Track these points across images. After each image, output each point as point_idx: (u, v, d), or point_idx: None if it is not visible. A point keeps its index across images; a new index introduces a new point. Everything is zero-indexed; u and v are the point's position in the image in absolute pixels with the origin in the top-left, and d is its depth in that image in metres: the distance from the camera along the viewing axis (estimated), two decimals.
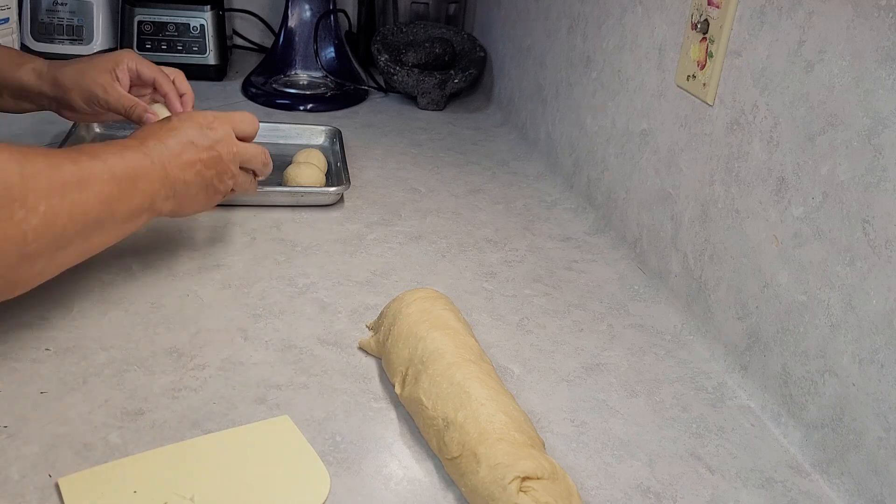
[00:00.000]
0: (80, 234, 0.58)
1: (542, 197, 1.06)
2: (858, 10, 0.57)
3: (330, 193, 0.96)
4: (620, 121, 0.94)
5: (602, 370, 0.71)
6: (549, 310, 0.80)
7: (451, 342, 0.62)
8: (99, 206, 0.59)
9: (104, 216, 0.60)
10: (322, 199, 0.96)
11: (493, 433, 0.53)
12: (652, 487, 0.58)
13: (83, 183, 0.58)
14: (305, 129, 1.14)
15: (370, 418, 0.62)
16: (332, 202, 0.97)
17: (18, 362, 0.63)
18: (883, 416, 0.55)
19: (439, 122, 1.32)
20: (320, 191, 0.96)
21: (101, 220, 0.60)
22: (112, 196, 0.60)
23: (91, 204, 0.58)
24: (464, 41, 1.44)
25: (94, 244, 0.62)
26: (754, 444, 0.64)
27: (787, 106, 0.65)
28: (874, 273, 0.56)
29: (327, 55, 1.42)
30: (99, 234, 0.61)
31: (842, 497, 0.58)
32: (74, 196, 0.57)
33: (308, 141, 1.13)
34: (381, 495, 0.55)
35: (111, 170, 0.61)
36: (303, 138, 1.14)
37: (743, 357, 0.70)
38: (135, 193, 0.63)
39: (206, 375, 0.64)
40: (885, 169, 0.55)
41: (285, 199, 0.95)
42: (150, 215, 0.67)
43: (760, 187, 0.68)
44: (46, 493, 0.52)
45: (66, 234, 0.57)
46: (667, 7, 0.83)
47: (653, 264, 0.86)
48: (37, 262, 0.55)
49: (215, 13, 1.37)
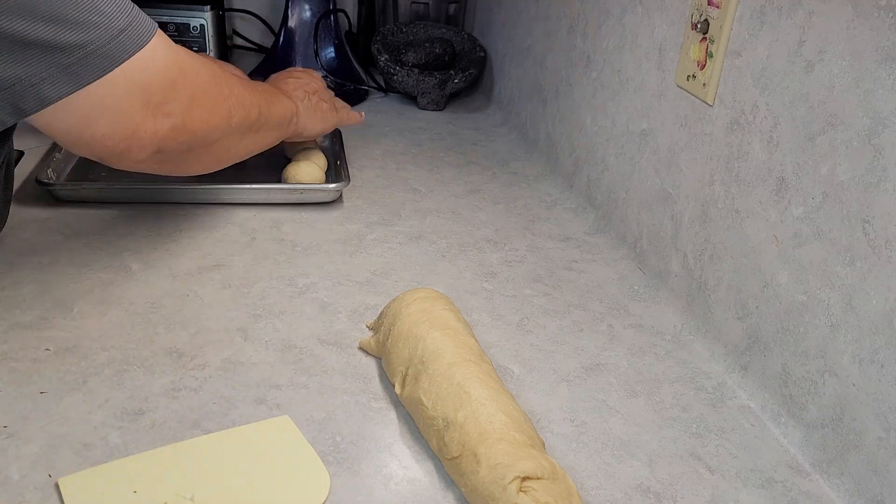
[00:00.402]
0: (253, 128, 0.78)
1: (542, 197, 1.06)
2: (858, 10, 0.57)
3: (330, 190, 0.97)
4: (620, 121, 0.94)
5: (602, 370, 0.71)
6: (549, 310, 0.80)
7: (451, 342, 0.62)
8: (261, 105, 0.79)
9: (265, 115, 0.80)
10: (322, 197, 0.96)
11: (493, 433, 0.53)
12: (652, 487, 0.58)
13: (249, 85, 0.79)
14: None
15: (370, 418, 0.62)
16: (332, 199, 0.97)
17: (18, 362, 0.63)
18: (883, 416, 0.55)
19: (439, 122, 1.32)
20: (320, 187, 0.96)
21: (263, 117, 0.79)
22: (269, 101, 0.81)
23: (257, 101, 0.78)
24: (464, 41, 1.44)
25: (259, 141, 0.81)
26: (754, 444, 0.64)
27: (787, 106, 0.65)
28: (874, 273, 0.56)
29: (327, 55, 1.41)
30: (264, 132, 0.81)
31: (842, 497, 0.58)
32: (247, 93, 0.76)
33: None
34: (381, 495, 0.55)
35: (262, 86, 0.84)
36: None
37: (743, 357, 0.70)
38: (277, 104, 0.84)
39: (206, 375, 0.64)
40: (885, 169, 0.55)
41: (286, 197, 0.95)
42: (289, 128, 0.88)
43: (760, 187, 0.68)
44: (46, 493, 0.52)
45: (247, 122, 0.76)
46: (667, 7, 0.83)
47: (653, 264, 0.86)
48: (231, 139, 0.74)
49: (215, 13, 1.37)
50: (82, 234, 0.83)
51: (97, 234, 0.84)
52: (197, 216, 0.89)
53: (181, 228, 0.86)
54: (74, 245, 0.81)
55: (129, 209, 0.89)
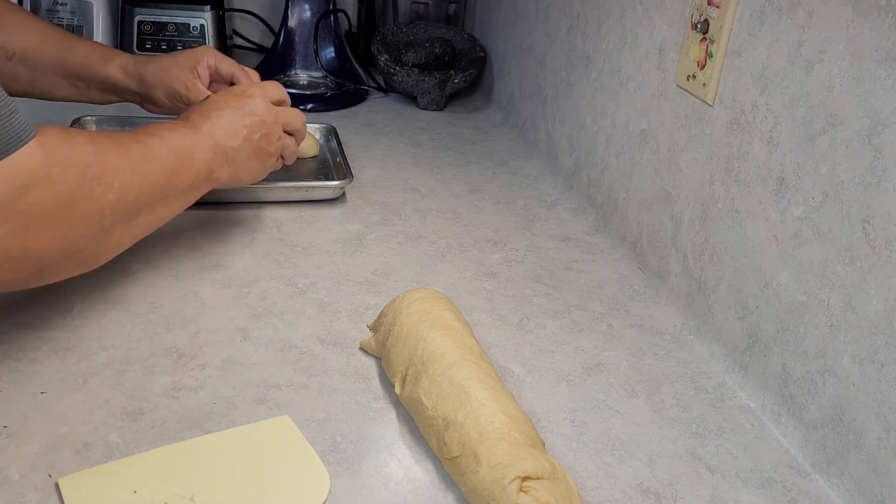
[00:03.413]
0: (149, 206, 0.64)
1: (542, 197, 1.06)
2: (858, 10, 0.57)
3: (333, 187, 0.97)
4: (620, 121, 0.94)
5: (602, 370, 0.71)
6: (549, 310, 0.80)
7: (451, 342, 0.62)
8: (163, 178, 0.65)
9: (168, 187, 0.66)
10: (326, 194, 0.97)
11: (493, 433, 0.53)
12: (652, 487, 0.58)
13: (148, 158, 0.64)
14: None
15: (370, 418, 0.62)
16: (336, 196, 0.98)
17: (18, 362, 0.63)
18: (883, 416, 0.55)
19: (439, 122, 1.32)
20: (324, 185, 0.97)
21: (165, 191, 0.66)
22: (173, 168, 0.66)
23: (156, 176, 0.64)
24: (464, 41, 1.44)
25: (161, 214, 0.68)
26: (754, 444, 0.64)
27: (787, 106, 0.65)
28: (874, 273, 0.56)
29: (327, 55, 1.41)
30: (164, 205, 0.67)
31: (842, 497, 0.58)
32: (141, 170, 0.62)
33: None
34: (381, 495, 0.55)
35: (168, 144, 0.67)
36: None
37: (743, 357, 0.70)
38: (192, 164, 0.69)
39: (206, 375, 0.64)
40: (885, 169, 0.55)
41: (289, 195, 0.95)
42: (209, 185, 0.73)
43: (760, 187, 0.68)
44: (46, 493, 0.52)
45: (137, 206, 0.62)
46: (667, 7, 0.83)
47: (653, 264, 0.86)
48: (113, 234, 0.61)
49: (215, 13, 1.37)
50: None
51: None
52: (197, 216, 0.89)
53: (181, 228, 0.86)
54: None
55: None
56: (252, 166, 0.77)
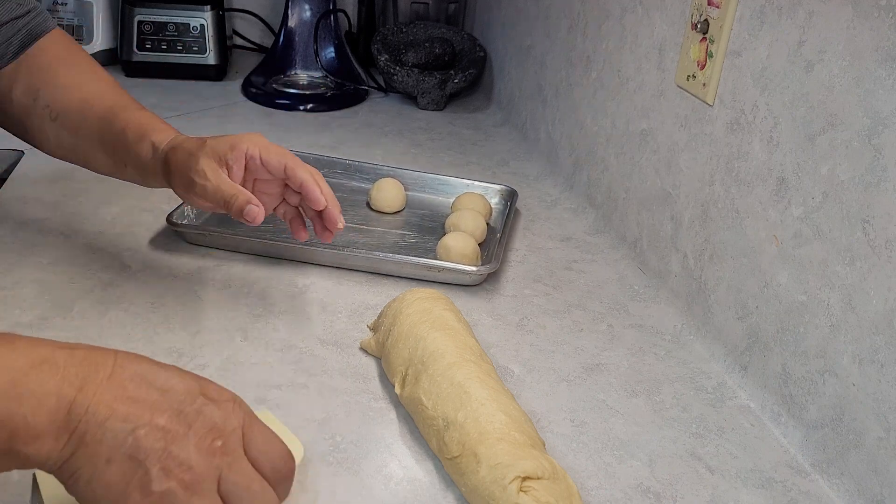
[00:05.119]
0: None
1: (542, 197, 1.06)
2: (858, 10, 0.57)
3: (471, 273, 0.80)
4: (620, 121, 0.94)
5: (602, 370, 0.71)
6: (549, 310, 0.80)
7: (451, 342, 0.62)
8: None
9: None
10: (461, 279, 0.81)
11: (493, 433, 0.53)
12: (652, 487, 0.58)
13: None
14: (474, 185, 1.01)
15: (370, 418, 0.62)
16: (473, 283, 0.82)
17: None
18: (883, 416, 0.55)
19: (439, 122, 1.32)
20: (460, 268, 0.80)
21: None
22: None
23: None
24: (464, 41, 1.44)
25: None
26: (754, 444, 0.64)
27: (787, 106, 0.65)
28: (874, 273, 0.56)
29: (327, 55, 1.42)
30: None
31: (842, 497, 0.58)
32: None
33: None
34: (381, 495, 0.55)
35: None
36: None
37: (743, 357, 0.70)
38: None
39: (205, 375, 0.64)
40: (885, 169, 0.55)
41: (416, 272, 0.81)
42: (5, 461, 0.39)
43: (760, 187, 0.68)
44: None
45: None
46: (667, 7, 0.83)
47: (653, 264, 0.86)
48: None
49: (215, 13, 1.37)
50: (82, 233, 0.83)
51: (97, 234, 0.84)
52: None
53: None
54: (74, 245, 0.81)
55: None
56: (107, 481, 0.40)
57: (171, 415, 0.41)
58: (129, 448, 0.40)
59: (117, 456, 0.39)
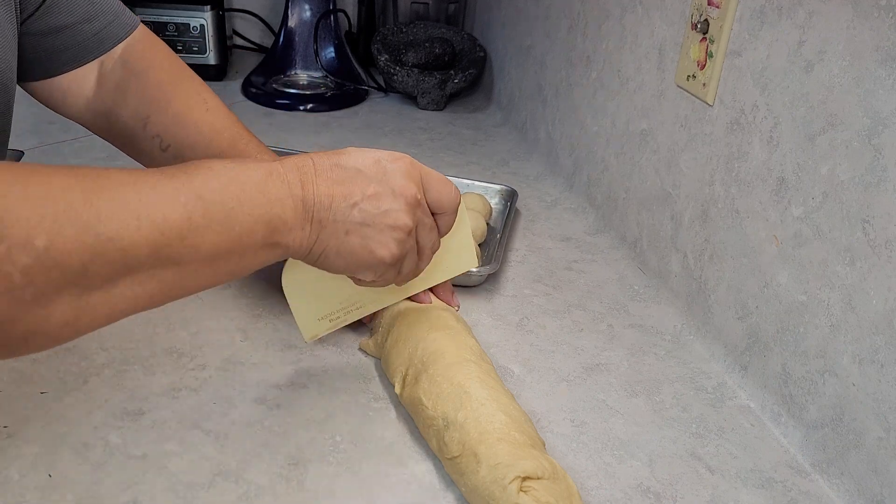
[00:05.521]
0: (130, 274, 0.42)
1: (541, 197, 1.06)
2: (858, 10, 0.57)
3: (472, 275, 0.78)
4: (620, 121, 0.94)
5: (602, 370, 0.71)
6: (549, 310, 0.80)
7: (450, 342, 0.62)
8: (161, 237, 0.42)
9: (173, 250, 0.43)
10: (462, 279, 0.78)
11: (493, 433, 0.53)
12: (652, 487, 0.58)
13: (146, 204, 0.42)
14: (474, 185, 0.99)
15: (370, 418, 0.62)
16: (474, 284, 0.81)
17: (18, 362, 0.63)
18: (883, 416, 0.55)
19: (439, 122, 1.32)
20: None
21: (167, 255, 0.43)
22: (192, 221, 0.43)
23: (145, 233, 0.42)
24: (464, 41, 1.44)
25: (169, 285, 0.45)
26: (754, 444, 0.64)
27: (787, 106, 0.65)
28: (874, 273, 0.56)
29: (327, 55, 1.42)
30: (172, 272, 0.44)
31: (842, 497, 0.58)
32: (113, 224, 0.41)
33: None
34: (381, 495, 0.55)
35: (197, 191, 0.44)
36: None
37: (743, 357, 0.70)
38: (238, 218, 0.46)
39: (206, 375, 0.64)
40: (885, 169, 0.55)
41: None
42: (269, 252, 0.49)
43: (760, 187, 0.68)
44: (46, 493, 0.52)
45: (98, 275, 0.41)
46: (667, 7, 0.83)
47: (653, 264, 0.86)
48: (47, 310, 0.40)
49: (215, 13, 1.37)
50: None
51: None
52: None
53: None
54: None
55: None
56: (349, 249, 0.52)
57: (375, 183, 0.52)
58: (357, 218, 0.51)
59: (351, 227, 0.51)
